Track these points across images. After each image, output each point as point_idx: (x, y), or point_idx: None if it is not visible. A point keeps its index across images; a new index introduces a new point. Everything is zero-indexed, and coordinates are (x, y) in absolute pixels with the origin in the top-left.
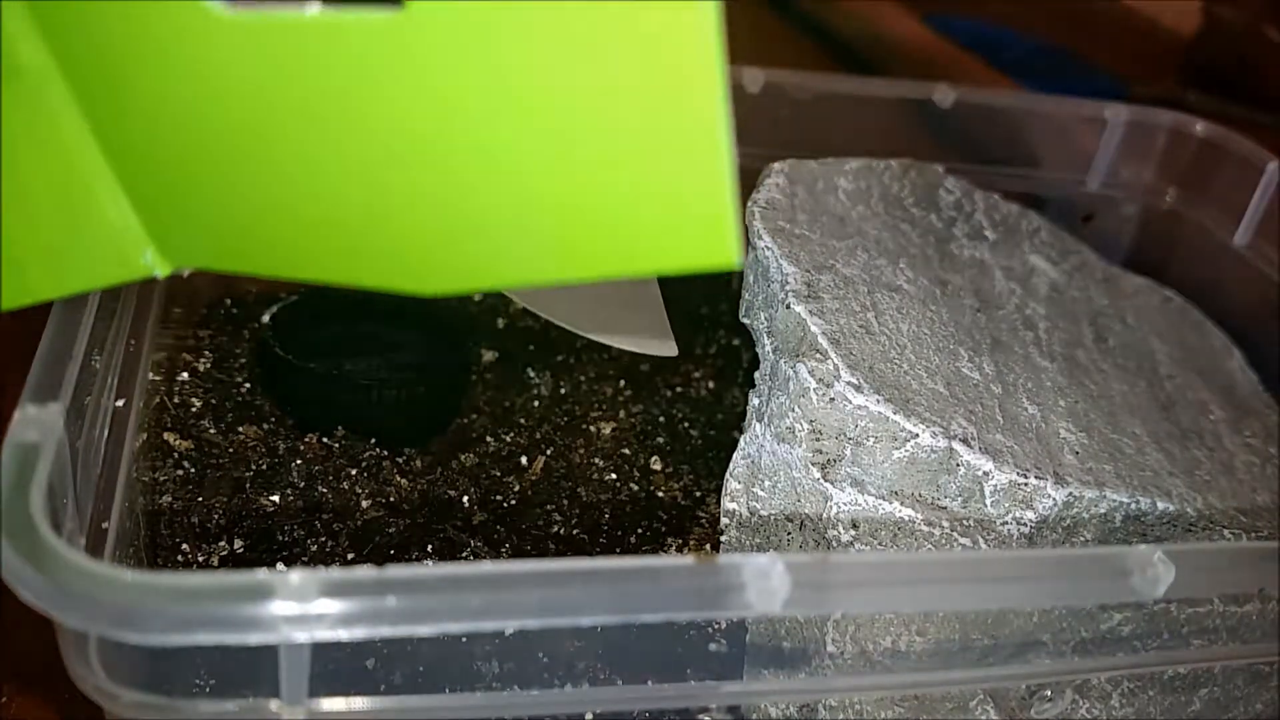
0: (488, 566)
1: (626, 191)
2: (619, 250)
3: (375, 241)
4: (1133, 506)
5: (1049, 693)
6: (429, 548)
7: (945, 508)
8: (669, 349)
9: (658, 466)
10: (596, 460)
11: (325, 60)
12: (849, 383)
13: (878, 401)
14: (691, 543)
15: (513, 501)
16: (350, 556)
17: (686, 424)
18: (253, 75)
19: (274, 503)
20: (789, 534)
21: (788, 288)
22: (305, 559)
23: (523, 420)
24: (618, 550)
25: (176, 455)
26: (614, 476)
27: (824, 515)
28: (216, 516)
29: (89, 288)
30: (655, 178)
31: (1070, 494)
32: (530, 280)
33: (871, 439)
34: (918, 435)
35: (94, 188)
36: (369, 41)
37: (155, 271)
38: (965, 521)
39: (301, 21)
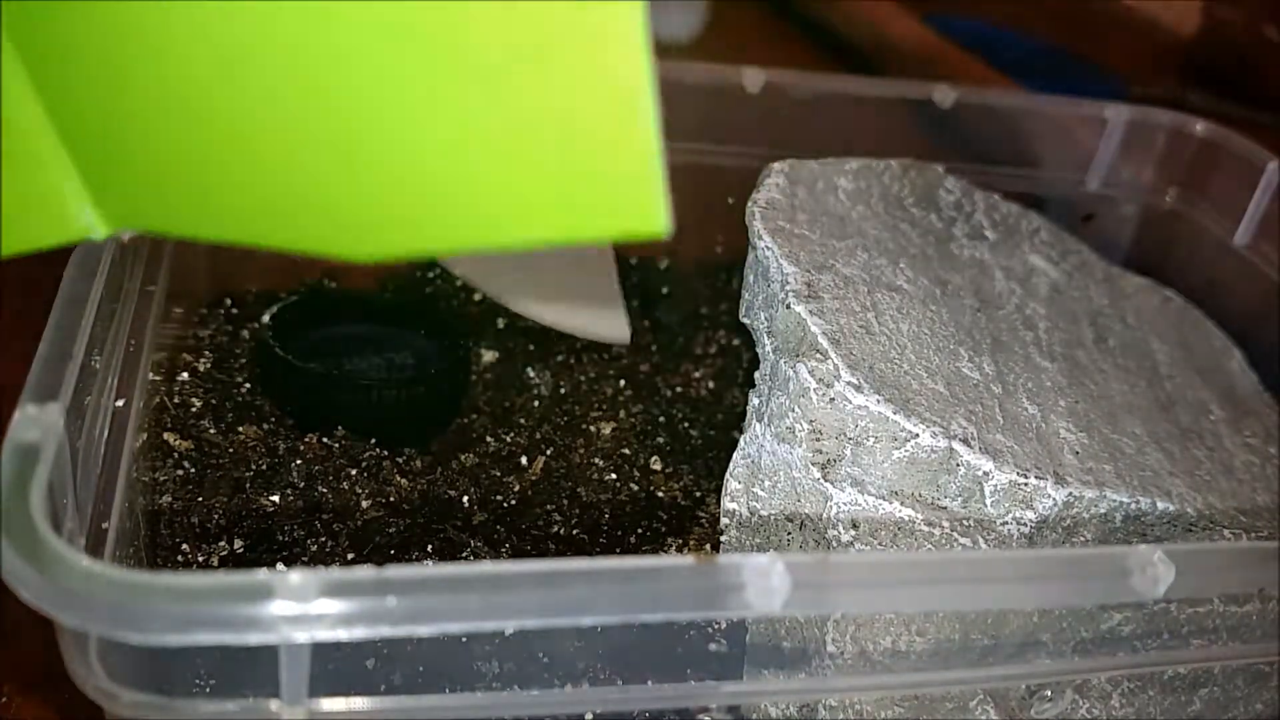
0: (488, 566)
1: (556, 157)
2: (550, 216)
3: (309, 206)
4: (1133, 506)
5: (1049, 693)
6: (429, 548)
7: (945, 508)
8: (622, 333)
9: (658, 466)
10: (596, 460)
11: (260, 27)
12: (849, 383)
13: (878, 401)
14: (691, 543)
15: (513, 501)
16: (350, 556)
17: (686, 424)
18: (189, 41)
19: (274, 503)
20: (789, 534)
21: (788, 288)
22: (305, 559)
23: (523, 420)
24: (618, 550)
25: (176, 455)
26: (614, 476)
27: (824, 515)
28: (216, 516)
29: (32, 247)
30: (584, 144)
31: (1070, 494)
32: (463, 246)
33: (871, 439)
34: (918, 435)
35: (38, 149)
36: (302, 10)
37: (94, 232)
38: (965, 521)
39: None
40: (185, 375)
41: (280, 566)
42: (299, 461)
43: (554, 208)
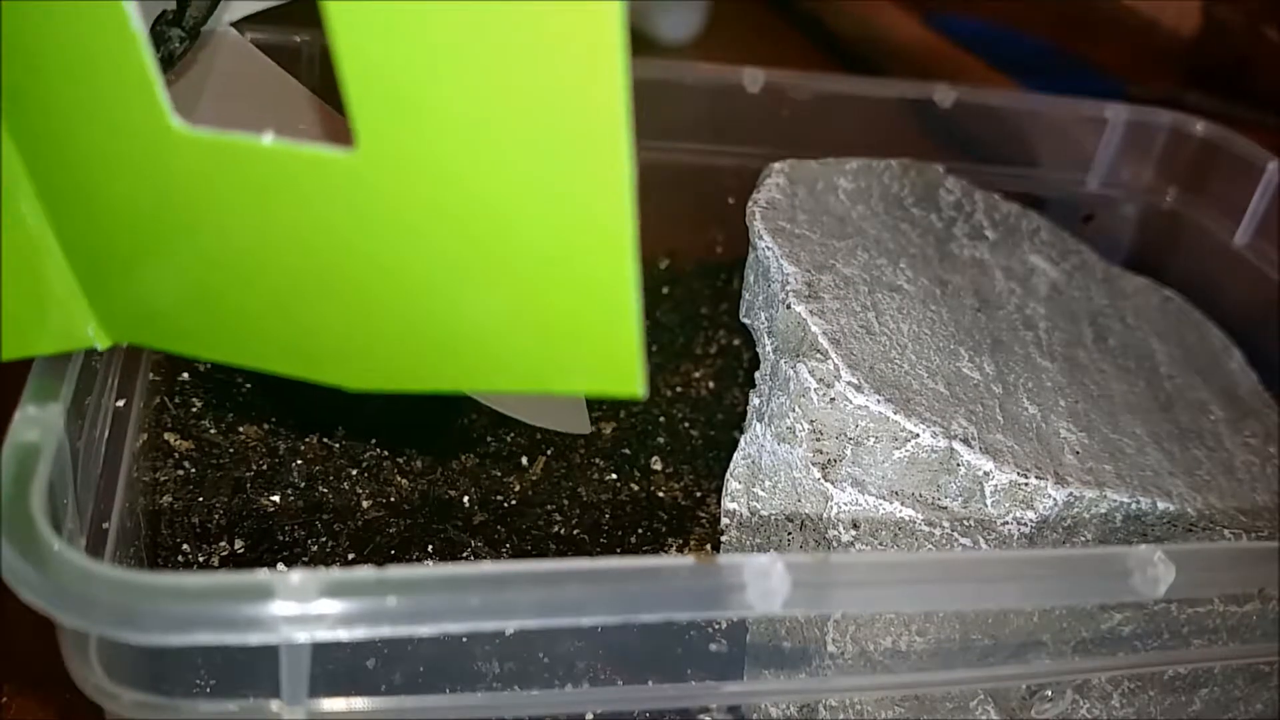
0: (488, 566)
1: (543, 317)
2: (536, 371)
3: (305, 338)
4: (1133, 506)
5: (1049, 693)
6: (429, 548)
7: (945, 508)
8: (583, 426)
9: (658, 466)
10: (596, 460)
11: (272, 179)
12: (849, 383)
13: (878, 401)
14: (692, 543)
15: (513, 501)
16: (350, 556)
17: (686, 424)
18: (202, 184)
19: (274, 503)
20: (789, 534)
21: (788, 288)
22: (305, 559)
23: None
24: (618, 550)
25: (177, 455)
26: (614, 476)
27: (824, 515)
28: (217, 516)
29: (36, 354)
30: (570, 309)
31: (1070, 494)
32: (448, 388)
33: (872, 439)
34: (918, 435)
35: (46, 268)
36: (317, 170)
37: (96, 344)
38: (965, 521)
39: (255, 147)
40: (185, 375)
41: (280, 566)
42: (299, 461)
43: (540, 363)
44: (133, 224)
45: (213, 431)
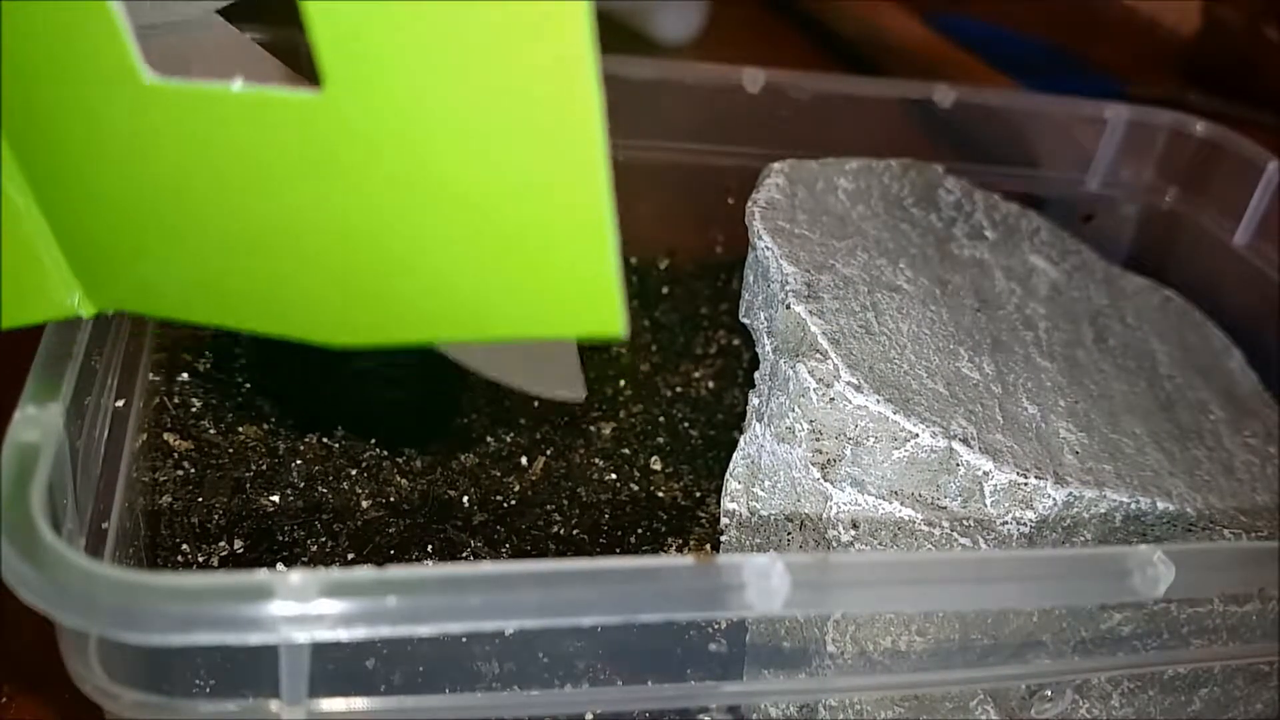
0: (488, 566)
1: (520, 261)
2: (515, 316)
3: (284, 296)
4: (1133, 506)
5: (1049, 693)
6: (429, 548)
7: (945, 508)
8: (578, 392)
9: (658, 466)
10: (596, 460)
11: (245, 128)
12: (849, 383)
13: (878, 401)
14: (691, 543)
15: (513, 501)
16: (350, 556)
17: (686, 424)
18: (177, 138)
19: (274, 503)
20: (789, 534)
21: (788, 288)
22: (305, 559)
23: (523, 420)
24: (618, 550)
25: (176, 455)
26: (614, 476)
27: (824, 515)
28: (216, 516)
29: (21, 324)
30: (546, 251)
31: (1070, 494)
32: (429, 339)
33: (871, 439)
34: (918, 435)
35: (29, 235)
36: (287, 114)
37: (80, 312)
38: (965, 521)
39: (226, 94)
40: (185, 375)
41: (280, 566)
42: (299, 461)
43: (520, 309)
44: (111, 186)
45: (212, 431)
